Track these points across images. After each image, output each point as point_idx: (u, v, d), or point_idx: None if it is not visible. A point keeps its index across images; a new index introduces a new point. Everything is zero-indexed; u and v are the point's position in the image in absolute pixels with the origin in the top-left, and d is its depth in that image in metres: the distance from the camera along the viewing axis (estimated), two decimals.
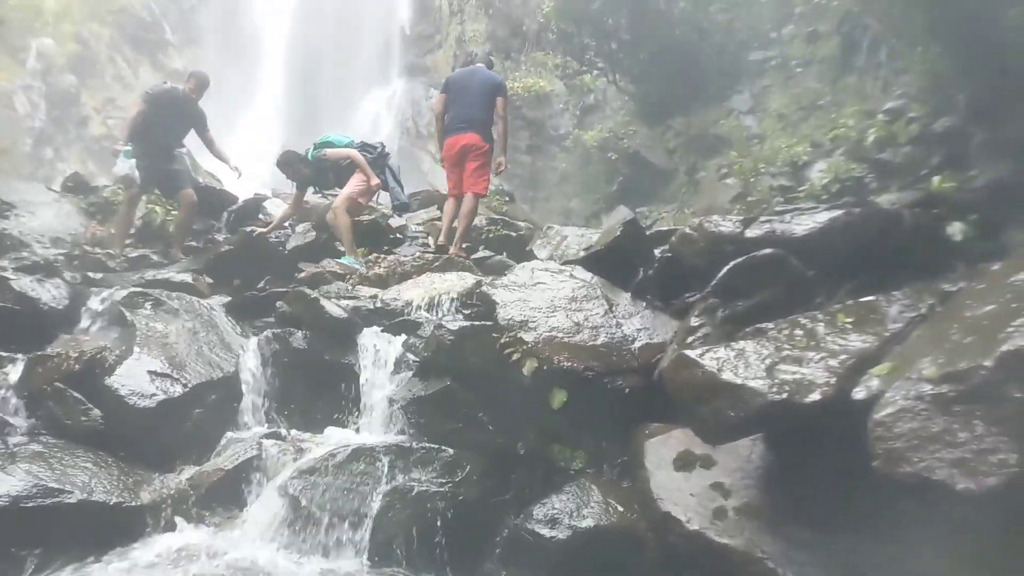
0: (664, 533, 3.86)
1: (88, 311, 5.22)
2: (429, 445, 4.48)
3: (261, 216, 9.24)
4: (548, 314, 5.07)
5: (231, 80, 21.77)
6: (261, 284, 6.77)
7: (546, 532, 4.11)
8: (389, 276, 7.25)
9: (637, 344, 4.87)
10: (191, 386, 4.51)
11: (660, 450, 4.23)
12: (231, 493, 4.12)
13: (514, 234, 9.27)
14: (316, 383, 5.14)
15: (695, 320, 4.53)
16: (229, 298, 6.41)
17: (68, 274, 5.82)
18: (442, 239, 7.93)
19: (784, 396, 3.30)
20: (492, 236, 9.21)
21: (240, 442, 4.48)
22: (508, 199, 13.37)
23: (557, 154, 17.07)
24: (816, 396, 3.26)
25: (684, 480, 3.99)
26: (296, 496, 3.99)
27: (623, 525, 4.08)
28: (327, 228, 8.92)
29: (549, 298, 5.24)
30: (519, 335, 4.86)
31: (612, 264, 5.75)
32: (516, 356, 4.76)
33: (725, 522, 3.67)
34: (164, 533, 3.84)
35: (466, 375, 4.88)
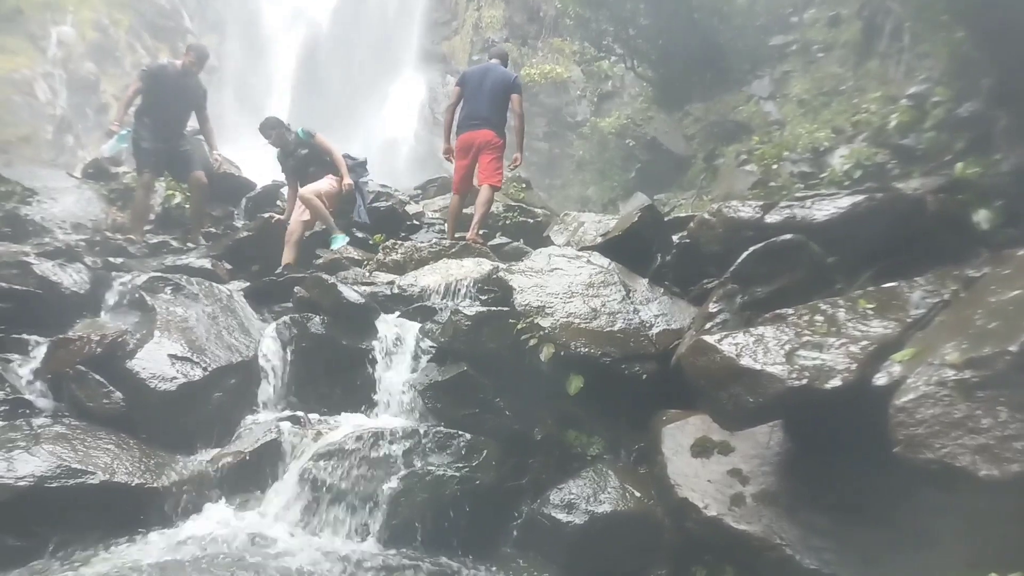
0: (681, 519, 3.86)
1: (109, 295, 5.26)
2: (446, 430, 4.49)
3: (279, 203, 9.27)
4: (565, 300, 5.06)
5: (249, 67, 21.89)
6: (279, 270, 6.80)
7: (563, 517, 4.13)
8: (406, 262, 7.26)
9: (655, 330, 4.86)
10: (211, 370, 4.54)
11: (677, 436, 4.22)
12: (251, 475, 4.16)
13: (531, 221, 9.24)
14: (334, 368, 5.16)
15: (713, 306, 4.51)
16: (248, 283, 6.45)
17: (89, 259, 5.87)
18: (449, 237, 7.95)
19: (804, 382, 3.28)
20: (509, 223, 9.19)
21: (259, 425, 4.52)
22: (525, 186, 13.30)
23: (574, 141, 16.98)
24: (837, 382, 3.23)
25: (701, 466, 3.99)
26: (315, 479, 4.03)
27: (640, 511, 4.08)
28: (346, 214, 8.94)
29: (566, 284, 5.23)
30: (536, 321, 4.86)
31: (630, 250, 5.73)
32: (533, 342, 4.77)
33: (743, 508, 3.66)
34: (185, 514, 3.88)
35: (483, 361, 4.89)
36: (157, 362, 4.38)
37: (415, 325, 5.47)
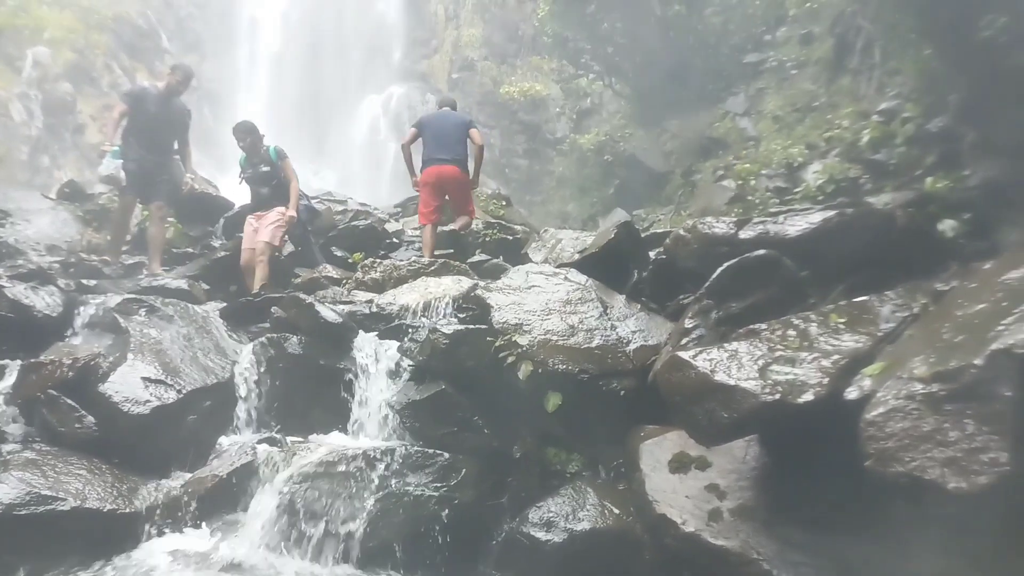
0: (660, 535, 3.85)
1: (82, 318, 5.21)
2: (424, 449, 4.48)
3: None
4: (543, 317, 5.07)
5: (227, 87, 21.83)
6: (256, 289, 6.77)
7: (542, 535, 4.11)
8: (385, 280, 7.25)
9: (632, 346, 4.87)
10: (185, 392, 4.50)
11: (655, 452, 4.23)
12: (226, 499, 4.12)
13: (510, 238, 9.26)
14: (312, 388, 5.13)
15: (689, 322, 4.54)
16: (224, 304, 6.40)
17: (62, 281, 5.80)
18: (429, 257, 8.05)
19: (777, 397, 3.30)
20: (489, 240, 9.20)
21: (235, 448, 4.48)
22: (505, 203, 13.36)
23: (554, 157, 17.09)
24: (809, 397, 3.26)
25: (679, 482, 3.99)
26: (291, 501, 3.99)
27: (619, 528, 4.08)
28: (324, 232, 8.94)
29: (544, 301, 5.25)
30: (514, 338, 4.86)
31: (607, 266, 5.76)
32: (511, 359, 4.77)
33: (720, 524, 3.66)
34: (158, 539, 3.83)
35: (461, 379, 4.89)
36: (130, 385, 4.33)
37: (393, 344, 5.45)
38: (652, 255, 5.85)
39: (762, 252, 4.52)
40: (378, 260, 7.70)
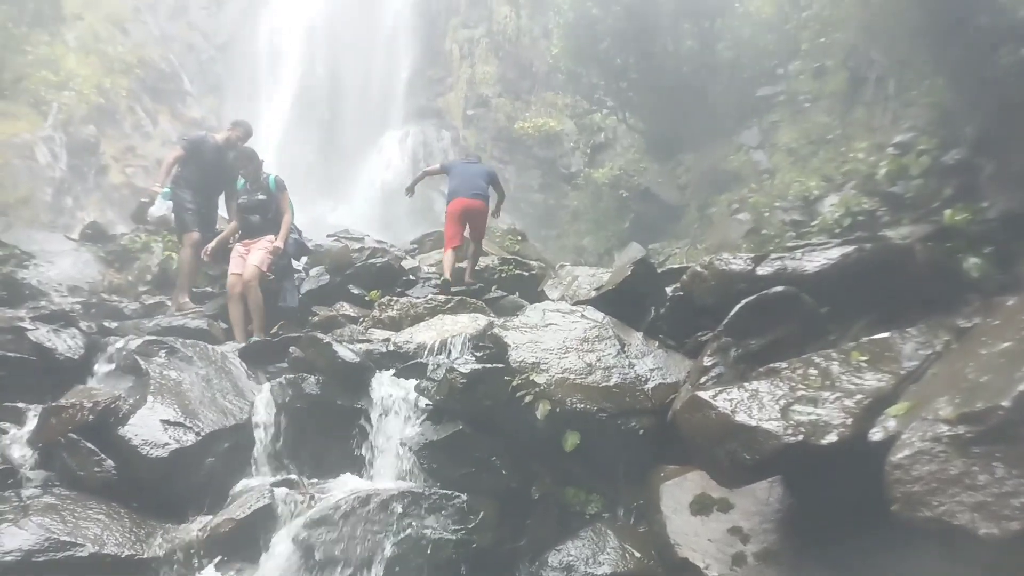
0: None
1: (103, 360, 5.25)
2: (442, 491, 4.44)
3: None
4: (560, 355, 5.05)
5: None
6: (274, 329, 6.80)
7: None
8: (402, 318, 7.27)
9: (650, 384, 4.84)
10: (204, 434, 4.51)
11: (676, 493, 4.17)
12: (243, 543, 4.09)
13: (526, 273, 9.27)
14: (329, 428, 5.12)
15: (708, 359, 4.50)
16: (243, 344, 6.43)
17: (84, 323, 5.86)
18: (449, 276, 8.45)
19: (800, 438, 3.26)
20: (505, 276, 9.21)
21: (252, 491, 4.45)
22: (520, 238, 13.41)
23: (569, 192, 17.16)
24: (833, 437, 3.21)
25: (701, 524, 3.93)
26: (308, 546, 3.96)
27: (640, 572, 4.01)
28: (341, 270, 8.98)
29: (561, 339, 5.23)
30: (531, 377, 4.84)
31: (624, 303, 5.74)
32: (529, 398, 4.74)
33: (744, 568, 3.60)
34: None
35: (479, 418, 4.86)
36: (149, 428, 4.35)
37: (411, 383, 5.43)
38: (669, 291, 5.83)
39: (780, 288, 4.49)
40: (395, 298, 7.73)
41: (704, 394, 3.70)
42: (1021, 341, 2.95)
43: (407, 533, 4.10)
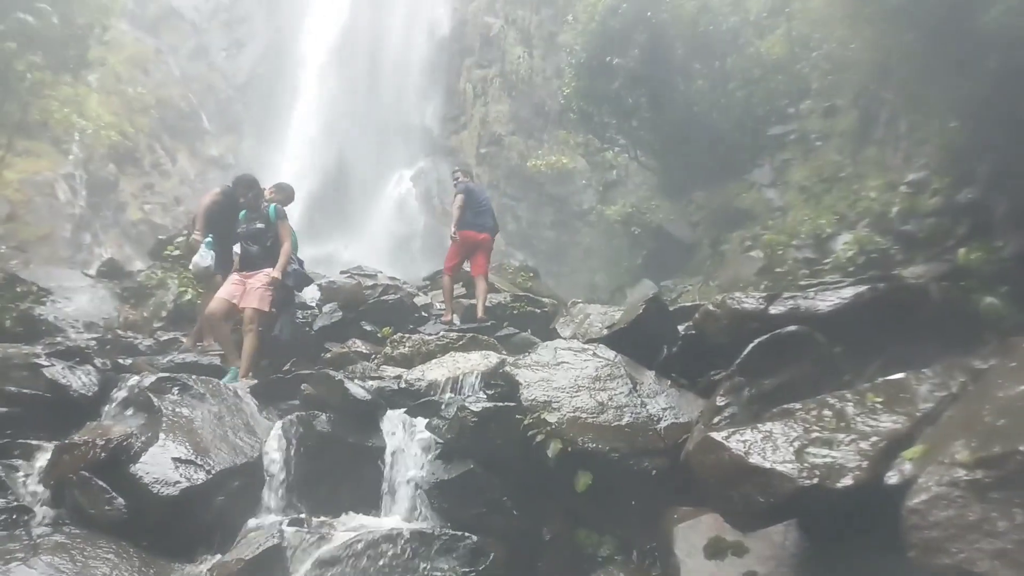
0: None
1: (117, 397, 5.27)
2: (452, 532, 4.40)
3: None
4: (572, 394, 5.03)
5: (264, 163, 22.59)
6: (287, 366, 6.82)
7: None
8: (414, 355, 7.28)
9: (663, 424, 4.80)
10: (215, 472, 4.50)
11: (690, 536, 4.10)
12: None
13: (538, 311, 9.27)
14: (340, 466, 5.10)
15: (721, 399, 4.47)
16: (256, 380, 6.45)
17: (99, 360, 5.92)
18: (451, 316, 8.79)
19: (815, 481, 3.21)
20: (517, 312, 9.22)
21: (262, 530, 4.43)
22: (532, 274, 13.43)
23: (581, 229, 17.23)
24: (848, 481, 3.17)
25: (716, 568, 3.86)
26: None
27: None
28: (354, 307, 9.02)
29: (572, 377, 5.22)
30: (543, 416, 4.82)
31: (636, 342, 5.73)
32: (540, 438, 4.72)
33: None
34: None
35: (490, 457, 4.84)
36: (161, 466, 4.35)
37: (422, 421, 5.43)
38: (681, 330, 5.81)
39: (793, 328, 4.48)
40: (407, 335, 7.75)
41: (717, 435, 3.67)
42: None
43: (417, 575, 4.05)
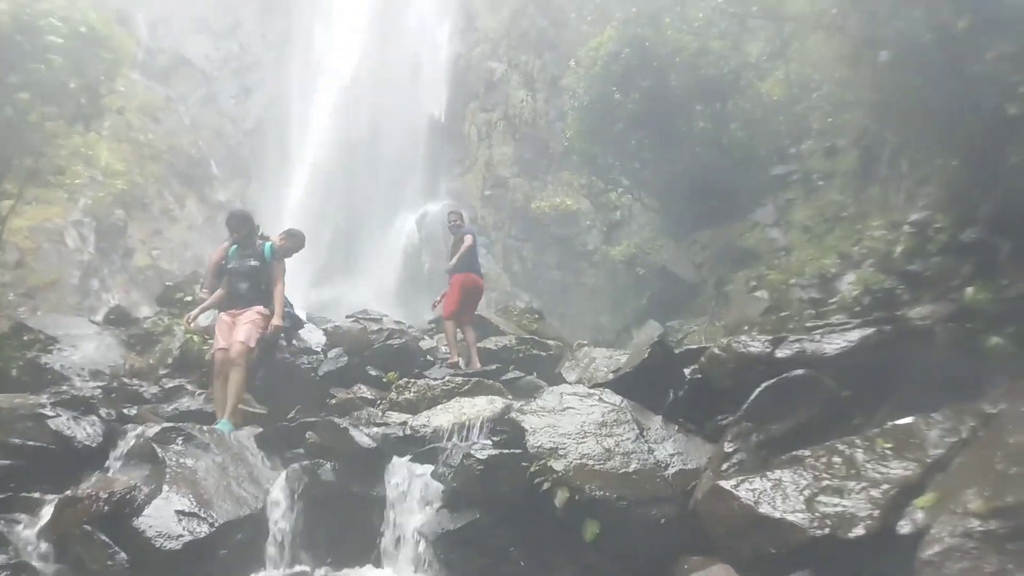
0: None
1: (121, 447, 5.25)
2: None
3: (295, 342, 9.37)
4: (578, 440, 4.99)
5: (271, 206, 22.81)
6: (292, 414, 6.79)
7: None
8: (419, 401, 7.25)
9: (671, 471, 4.74)
10: (218, 525, 4.45)
11: None
12: None
13: (544, 354, 9.25)
14: (345, 517, 5.05)
15: (729, 445, 4.42)
16: (260, 428, 6.42)
17: (104, 410, 5.90)
18: (458, 359, 8.80)
19: (826, 531, 3.17)
20: (522, 356, 9.20)
21: None
22: (538, 316, 13.41)
23: (586, 269, 17.26)
24: (860, 531, 3.12)
25: None
26: None
27: None
28: (360, 352, 9.01)
29: (579, 423, 5.17)
30: (549, 463, 4.77)
31: (641, 386, 5.68)
32: (547, 485, 4.66)
33: None
34: None
35: (496, 506, 4.78)
36: (164, 519, 4.31)
37: (427, 469, 5.38)
38: (687, 373, 5.78)
39: (801, 372, 4.45)
40: (412, 380, 7.72)
41: (726, 483, 3.63)
42: None
43: None
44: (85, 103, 8.97)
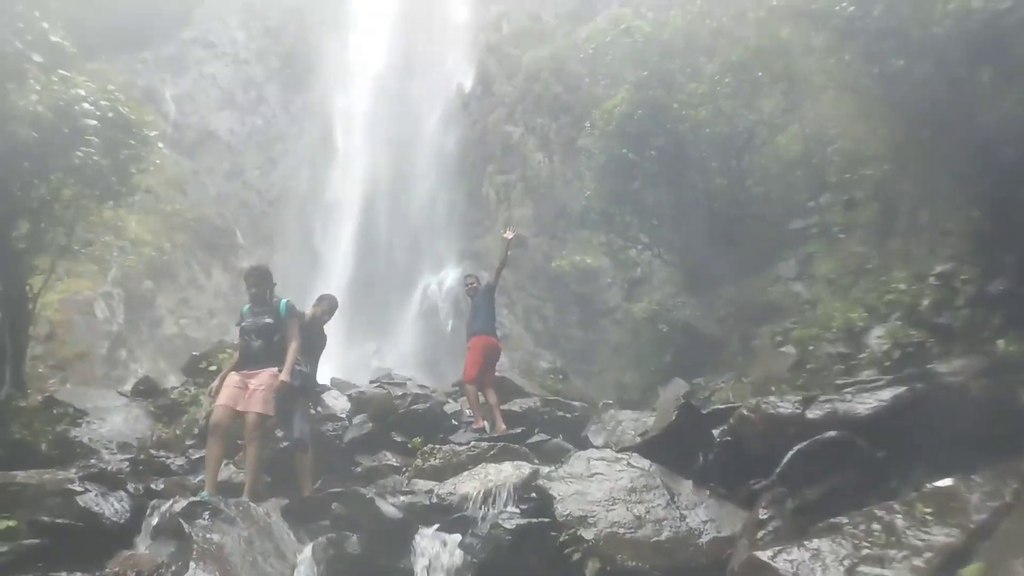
0: None
1: (149, 523, 5.24)
2: None
3: (319, 408, 9.37)
4: (607, 507, 4.90)
5: (295, 274, 23.18)
6: (317, 484, 6.75)
7: None
8: (445, 467, 7.18)
9: (704, 538, 4.63)
10: None
11: None
12: None
13: (569, 415, 9.15)
14: None
15: (763, 512, 4.31)
16: (287, 500, 6.38)
17: (131, 485, 5.91)
18: (483, 423, 8.71)
19: None
20: (547, 418, 9.12)
21: None
22: (562, 376, 13.34)
23: (608, 327, 17.19)
24: None
25: None
26: None
27: None
28: (384, 417, 8.97)
29: (608, 489, 5.09)
30: (579, 532, 4.69)
31: (670, 449, 5.60)
32: (577, 556, 4.57)
33: None
34: None
35: None
36: None
37: (455, 539, 5.29)
38: (716, 434, 5.69)
39: (834, 434, 4.37)
40: (438, 446, 7.66)
41: (763, 554, 3.53)
42: None
43: None
44: (115, 181, 9.25)
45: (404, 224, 23.65)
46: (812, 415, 4.70)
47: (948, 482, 3.72)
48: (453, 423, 9.27)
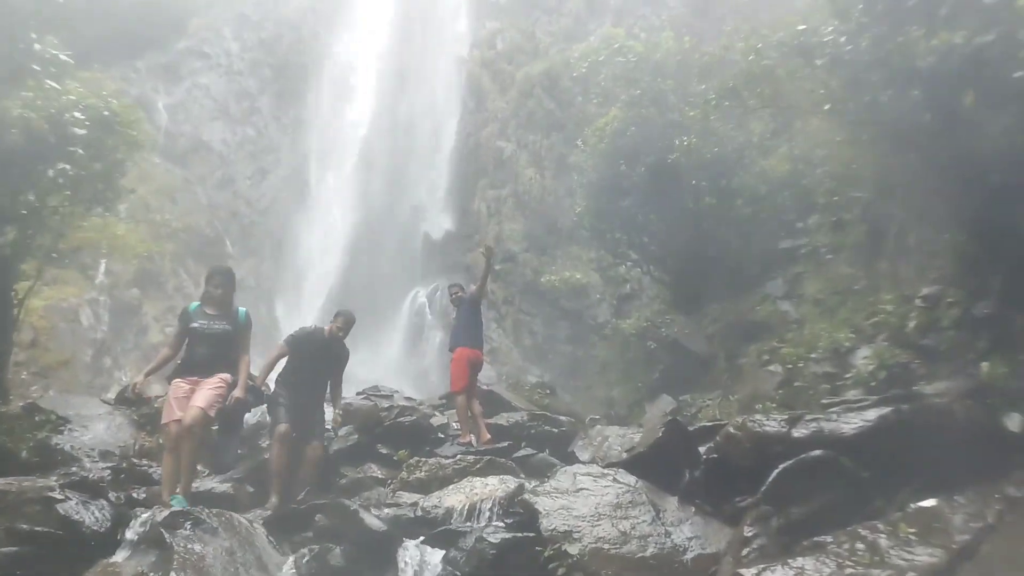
0: None
1: (130, 533, 5.16)
2: None
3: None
4: (593, 523, 4.89)
5: (283, 285, 23.09)
6: (301, 495, 6.69)
7: None
8: (430, 480, 7.14)
9: (689, 555, 4.62)
10: None
11: None
12: None
13: (556, 430, 9.14)
14: None
15: (748, 530, 4.31)
16: (269, 511, 6.32)
17: (113, 494, 5.84)
18: (470, 438, 8.65)
19: None
20: (534, 432, 9.10)
21: None
22: (549, 391, 13.33)
23: (597, 343, 17.22)
24: None
25: None
26: None
27: None
28: (370, 430, 8.93)
29: (593, 505, 5.08)
30: (564, 547, 4.67)
31: (656, 466, 5.60)
32: (562, 571, 4.56)
33: None
34: None
35: None
36: None
37: (439, 553, 5.26)
38: (703, 452, 5.69)
39: (819, 453, 4.39)
40: (423, 459, 7.62)
41: (747, 572, 3.53)
42: None
43: None
44: (102, 188, 9.23)
45: (394, 236, 23.68)
46: (798, 434, 4.71)
47: (932, 502, 3.74)
48: (439, 436, 9.22)
